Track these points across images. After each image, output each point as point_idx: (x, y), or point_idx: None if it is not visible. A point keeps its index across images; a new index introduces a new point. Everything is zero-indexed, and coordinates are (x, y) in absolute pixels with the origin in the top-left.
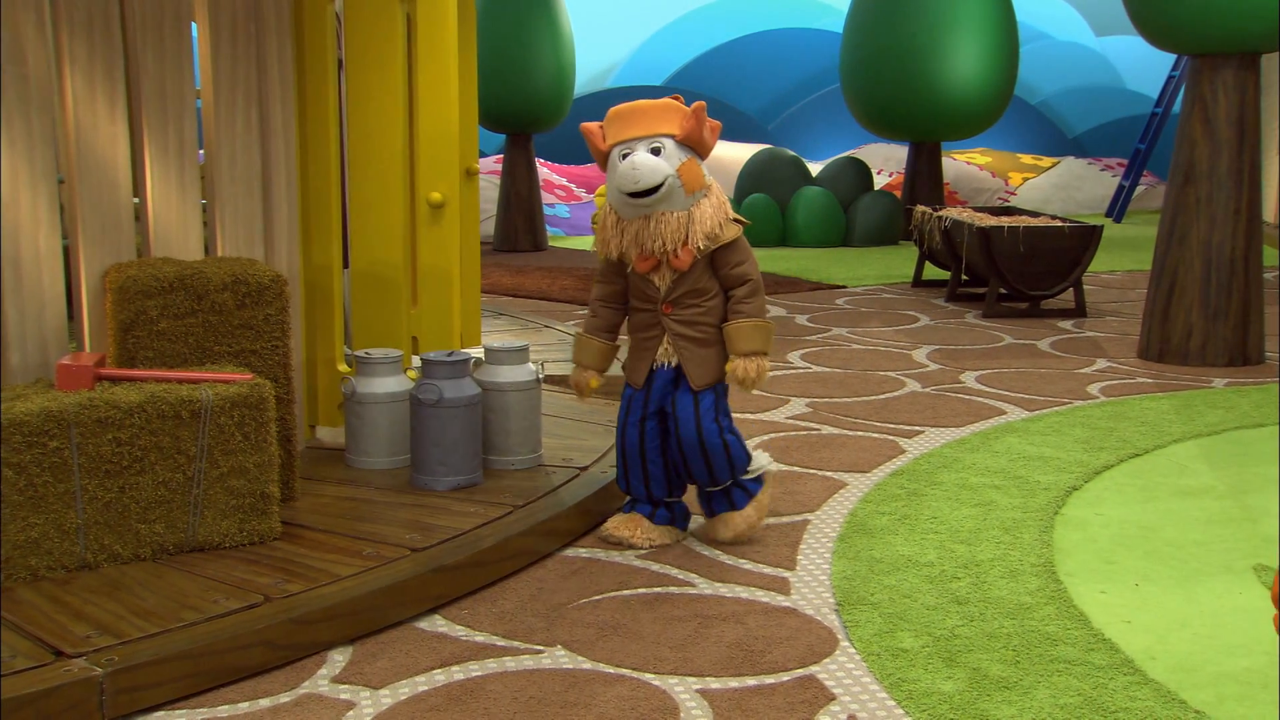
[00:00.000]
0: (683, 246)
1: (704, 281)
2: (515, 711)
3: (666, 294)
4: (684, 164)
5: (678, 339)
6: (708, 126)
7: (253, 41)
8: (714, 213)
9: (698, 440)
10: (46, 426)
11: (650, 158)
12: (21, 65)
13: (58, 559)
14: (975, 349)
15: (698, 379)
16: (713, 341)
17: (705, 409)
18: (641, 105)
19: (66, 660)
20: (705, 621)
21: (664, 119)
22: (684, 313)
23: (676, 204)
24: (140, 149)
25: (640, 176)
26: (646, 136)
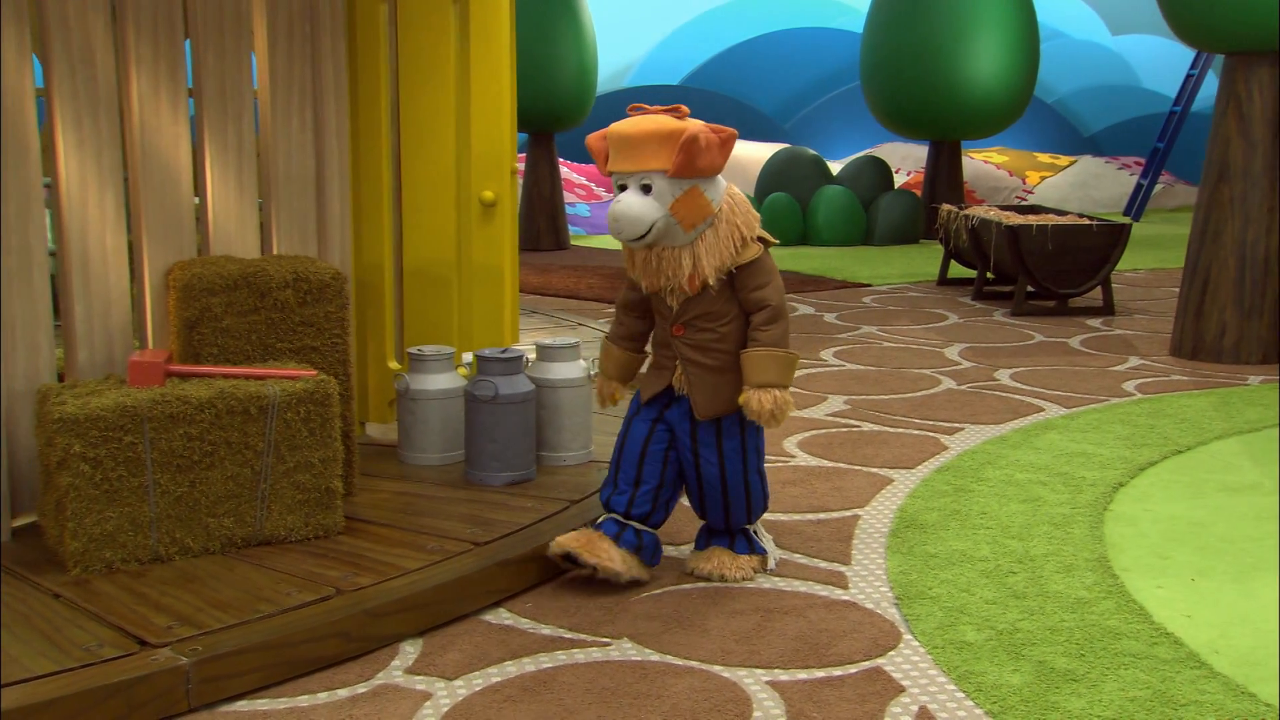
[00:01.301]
0: (688, 281)
1: (720, 304)
2: (589, 702)
3: (677, 315)
4: (679, 200)
5: (688, 364)
6: (706, 155)
7: (308, 41)
8: (724, 242)
9: (719, 479)
10: (121, 421)
11: (635, 201)
12: (91, 67)
13: (131, 552)
14: (1007, 347)
15: (703, 408)
16: (728, 369)
17: (731, 448)
18: (635, 133)
19: (152, 650)
20: (767, 615)
21: (654, 153)
22: (696, 336)
23: (676, 240)
24: (201, 148)
25: (620, 228)
26: (637, 172)
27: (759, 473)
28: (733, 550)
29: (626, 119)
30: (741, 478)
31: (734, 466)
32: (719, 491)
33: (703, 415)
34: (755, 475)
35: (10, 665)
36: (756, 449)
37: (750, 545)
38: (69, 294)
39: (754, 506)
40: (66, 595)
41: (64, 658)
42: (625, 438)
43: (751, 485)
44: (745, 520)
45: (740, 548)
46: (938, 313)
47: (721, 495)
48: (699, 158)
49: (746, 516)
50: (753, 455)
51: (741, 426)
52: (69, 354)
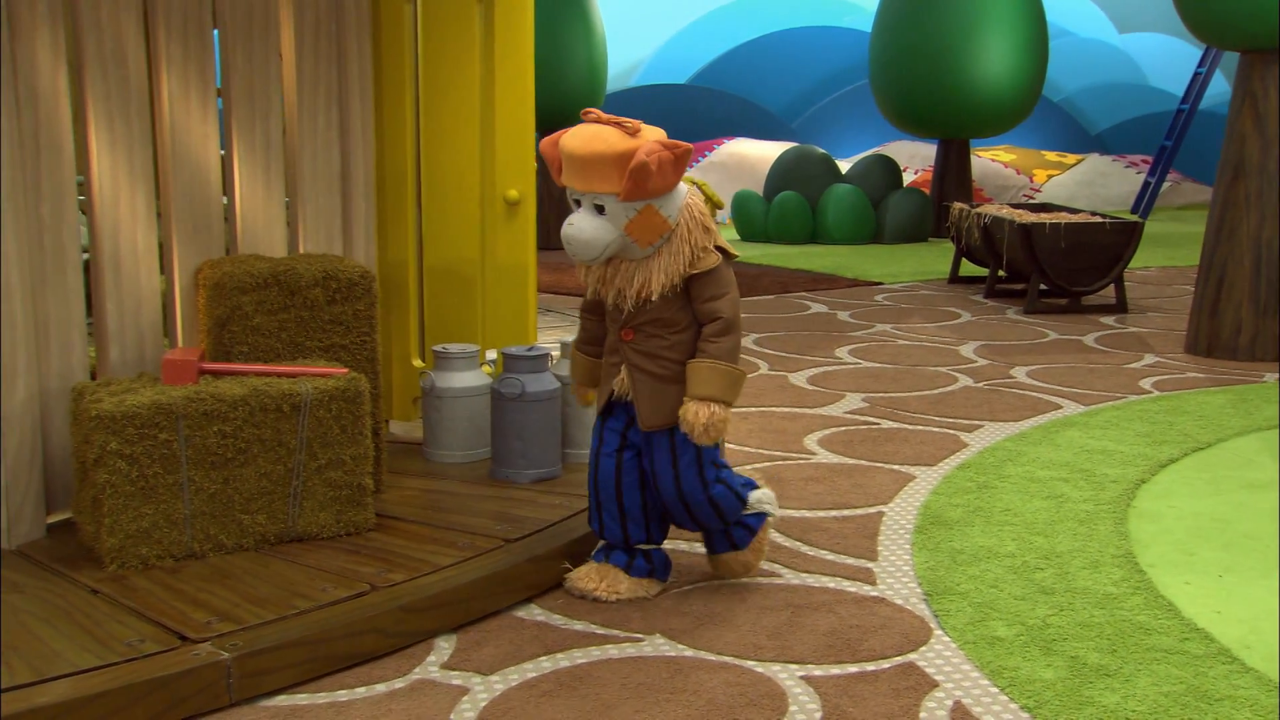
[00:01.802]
0: (635, 294)
1: (672, 312)
2: (625, 697)
3: (628, 319)
4: (634, 221)
5: (634, 370)
6: (658, 177)
7: (333, 41)
8: (676, 257)
9: (677, 498)
10: (157, 419)
11: (588, 225)
12: (123, 67)
13: (166, 548)
14: (1021, 344)
15: (648, 417)
16: (676, 379)
17: (686, 464)
18: (585, 154)
19: (192, 645)
20: (797, 611)
21: (604, 176)
22: (646, 343)
23: (634, 255)
24: (229, 148)
25: (574, 250)
26: (589, 193)
27: (721, 482)
28: (738, 548)
29: (578, 130)
30: (702, 492)
31: (691, 484)
32: (682, 508)
33: (646, 425)
34: (717, 486)
35: (54, 660)
36: (713, 460)
37: (747, 529)
38: (101, 292)
39: (727, 513)
40: (105, 591)
41: (107, 652)
42: (596, 474)
43: (715, 496)
44: (719, 524)
45: (741, 539)
46: (950, 310)
47: (685, 511)
48: (649, 181)
49: (719, 520)
50: (709, 469)
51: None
52: (101, 352)
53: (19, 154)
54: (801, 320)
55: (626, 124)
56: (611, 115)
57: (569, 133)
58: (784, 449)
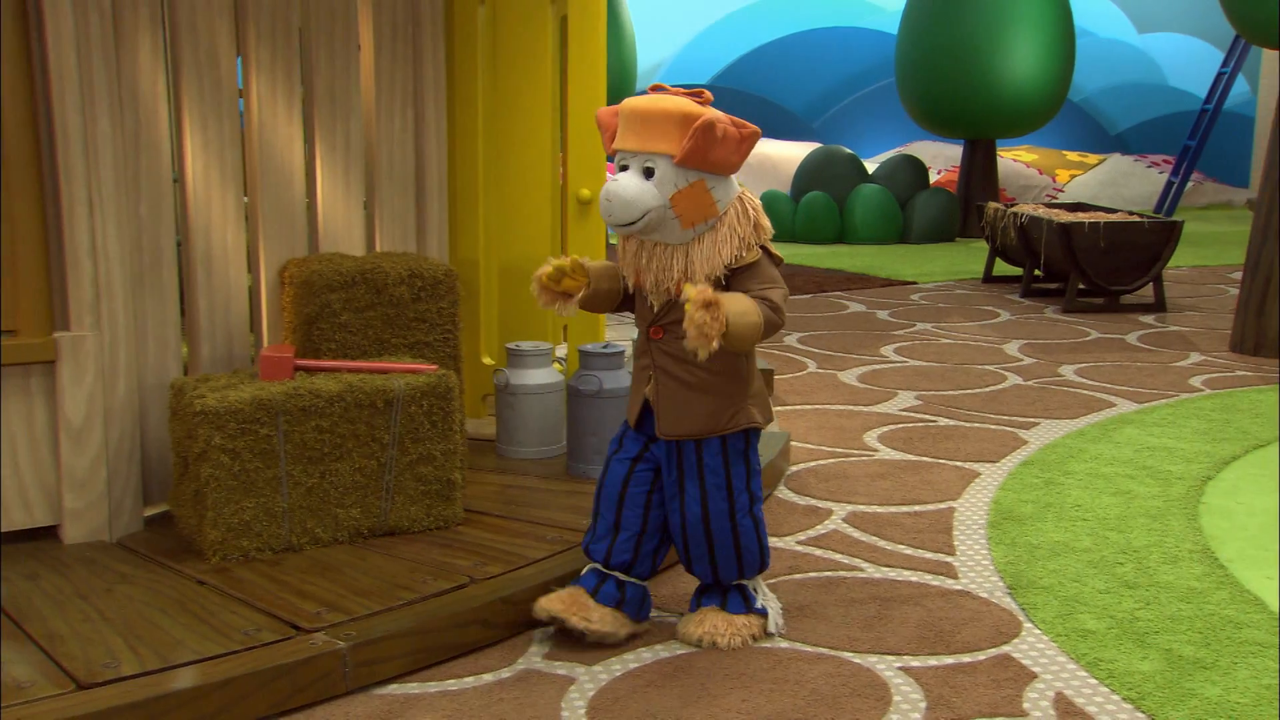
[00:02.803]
0: (675, 285)
1: None
2: (730, 687)
3: (657, 316)
4: (682, 191)
5: (660, 373)
6: (721, 147)
7: (410, 42)
8: (721, 249)
9: (701, 521)
10: (258, 414)
11: (632, 183)
12: (216, 69)
13: (266, 541)
14: (1065, 343)
15: (667, 423)
16: (705, 389)
17: (715, 485)
18: (649, 110)
19: (307, 634)
20: (885, 604)
21: (665, 134)
22: (675, 345)
23: (670, 237)
24: (311, 148)
25: (612, 209)
26: (642, 152)
27: (752, 518)
28: (724, 609)
29: (644, 95)
30: (728, 519)
31: (718, 505)
32: (702, 534)
33: (665, 432)
34: (746, 520)
35: (177, 647)
36: (748, 490)
37: (747, 602)
38: (193, 290)
39: (746, 558)
40: (211, 582)
41: (227, 641)
42: (604, 479)
43: (741, 530)
44: (736, 574)
45: (734, 605)
46: (988, 309)
47: (705, 539)
48: (712, 148)
49: (737, 569)
50: (741, 496)
51: (726, 462)
52: (193, 349)
53: (121, 154)
54: (842, 319)
55: (701, 94)
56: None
57: (634, 97)
58: (845, 445)
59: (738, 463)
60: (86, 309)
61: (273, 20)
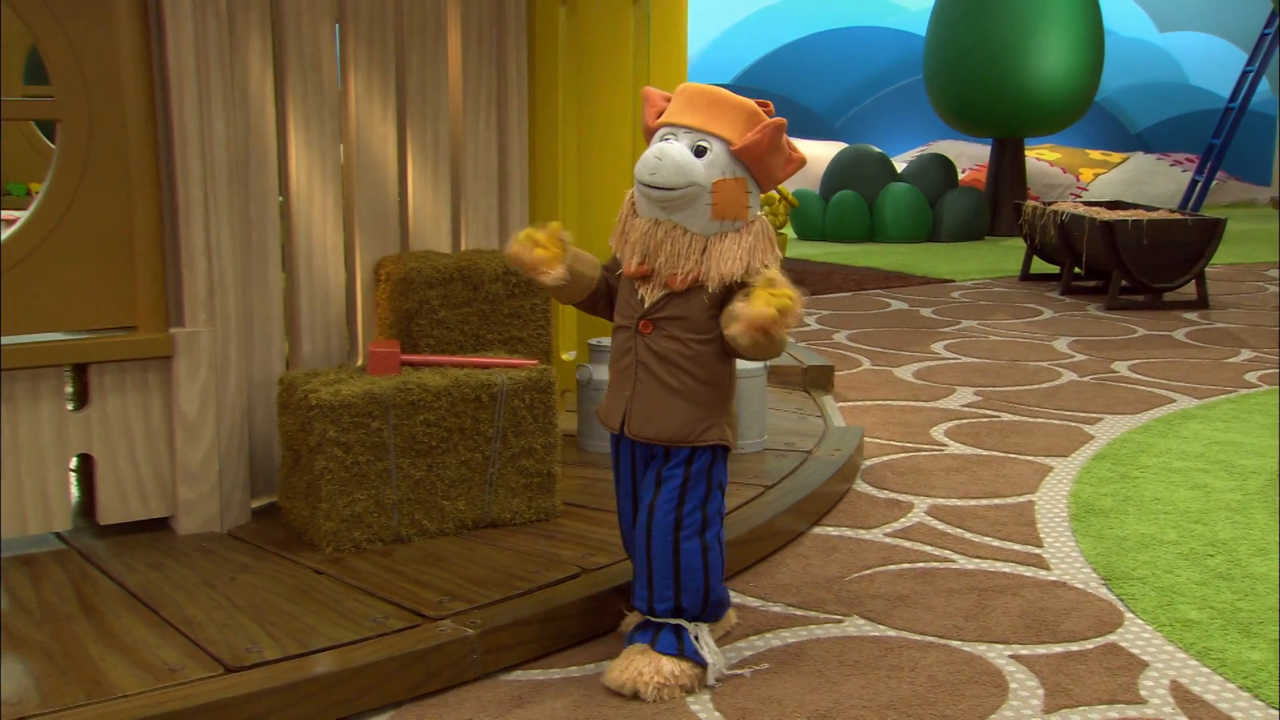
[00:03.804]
0: (683, 278)
1: (702, 315)
2: (847, 674)
3: (650, 309)
4: (725, 181)
5: (642, 370)
6: (779, 152)
7: (494, 44)
8: (743, 254)
9: (646, 525)
10: (369, 408)
11: (684, 152)
12: (318, 71)
13: (376, 532)
14: (1114, 340)
15: (639, 424)
16: (686, 396)
17: (669, 492)
18: (718, 94)
19: (434, 622)
20: (983, 594)
21: (728, 119)
22: (663, 344)
23: (696, 224)
24: (403, 148)
25: (661, 168)
26: (698, 130)
27: (700, 541)
28: (653, 648)
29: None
30: (671, 535)
31: (664, 518)
32: (644, 546)
33: (634, 432)
34: (694, 541)
35: (311, 634)
36: (702, 510)
37: (679, 645)
38: (295, 288)
39: (685, 584)
40: (328, 572)
41: (358, 628)
42: (620, 519)
43: (684, 551)
44: (671, 602)
45: (664, 645)
46: (1030, 307)
47: (645, 551)
48: (771, 152)
49: (673, 595)
50: (693, 514)
51: (686, 475)
52: (293, 345)
53: (233, 155)
54: (886, 317)
55: (767, 105)
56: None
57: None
58: (914, 440)
59: (698, 479)
60: (201, 305)
61: (370, 23)
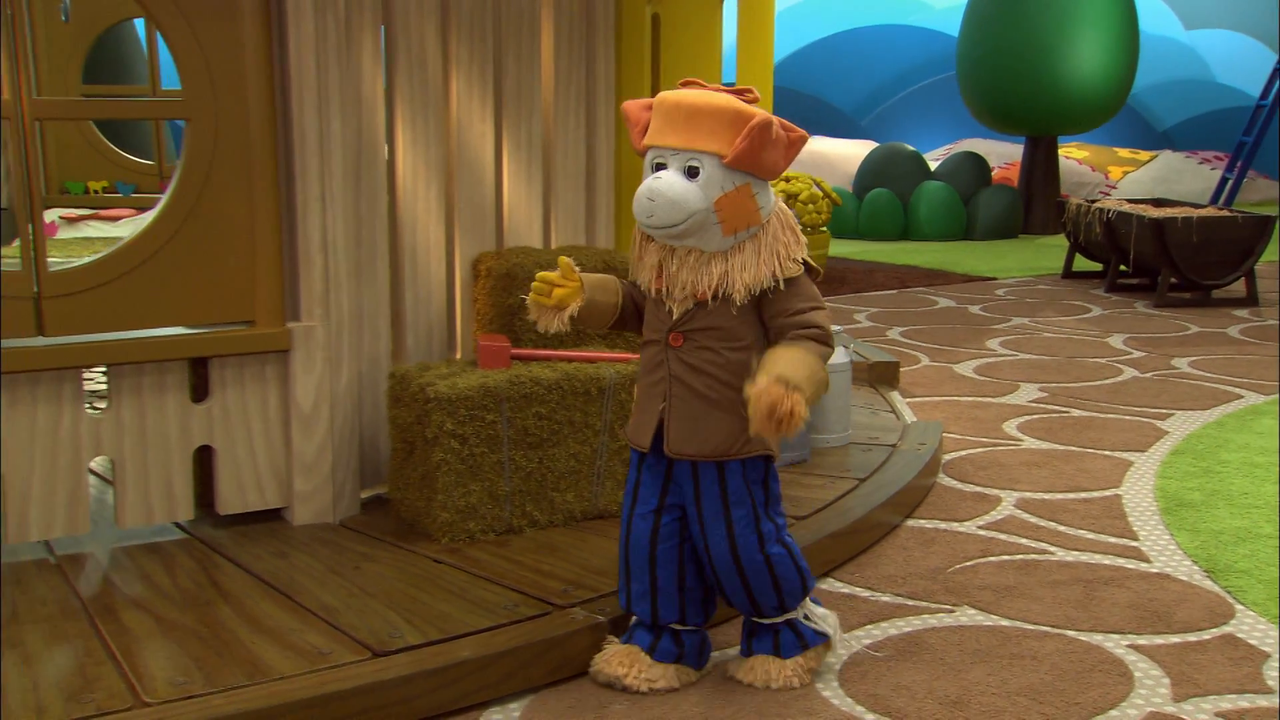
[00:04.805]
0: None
1: (734, 323)
2: (970, 662)
3: (679, 322)
4: (727, 195)
5: (675, 383)
6: (773, 150)
7: (584, 43)
8: (764, 260)
9: (731, 557)
10: (485, 401)
11: (677, 182)
12: (423, 70)
13: (489, 524)
14: (1170, 337)
15: (677, 440)
16: (725, 407)
17: (741, 516)
18: (695, 104)
19: (563, 610)
20: (1089, 585)
21: (713, 132)
22: (696, 354)
23: (709, 244)
24: (499, 145)
25: (655, 209)
26: (685, 150)
27: (782, 545)
28: (778, 654)
29: (683, 89)
30: (759, 552)
31: (746, 539)
32: (734, 570)
33: (675, 450)
34: (777, 548)
35: (448, 621)
36: (770, 518)
37: (801, 638)
38: (400, 282)
39: (785, 588)
40: (448, 561)
41: (492, 616)
42: (628, 538)
43: (775, 561)
44: (776, 604)
45: (788, 647)
46: (1078, 304)
47: (738, 575)
48: (765, 151)
49: (778, 600)
50: (766, 525)
51: (749, 491)
52: (398, 338)
53: (348, 153)
54: (935, 314)
55: (746, 92)
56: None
57: (672, 90)
58: (988, 435)
59: (759, 491)
60: (316, 300)
61: (471, 23)
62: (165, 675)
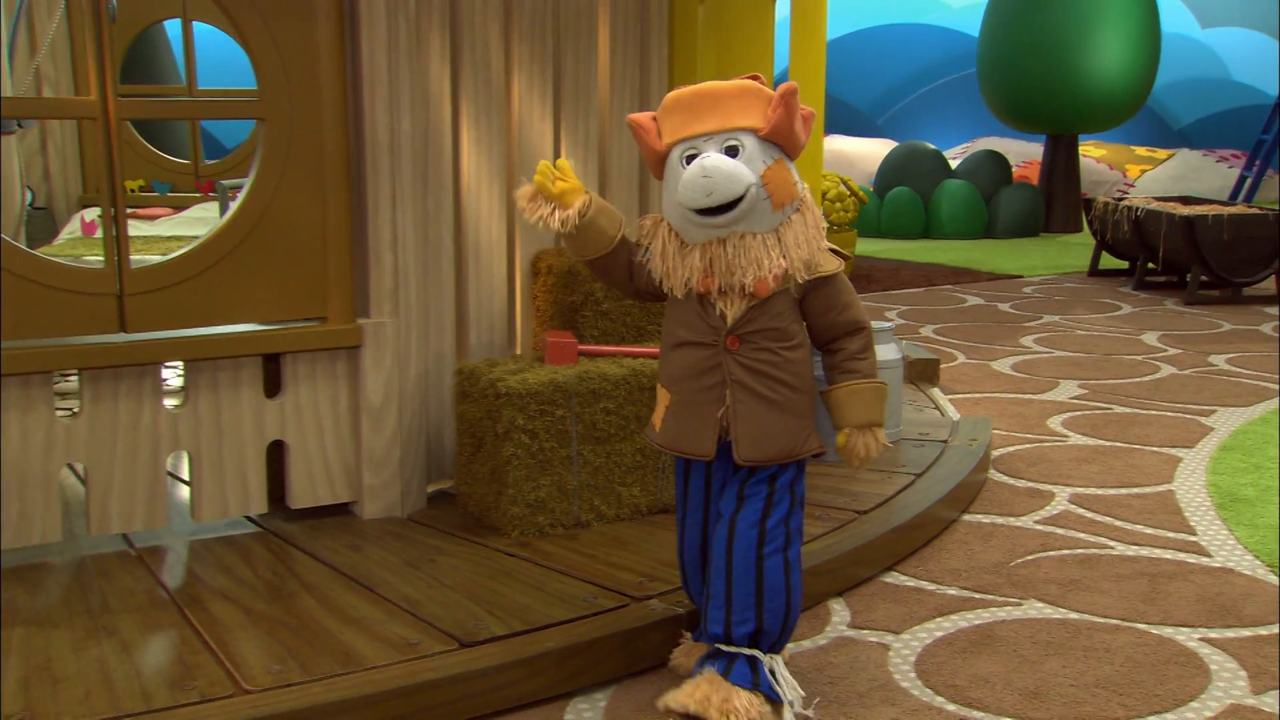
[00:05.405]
0: (773, 278)
1: (787, 322)
2: (1044, 654)
3: (735, 325)
4: (770, 168)
5: (737, 388)
6: (800, 116)
7: (637, 42)
8: (812, 233)
9: (725, 553)
10: (554, 396)
11: (727, 160)
12: (487, 70)
13: (558, 518)
14: (1204, 334)
15: (747, 447)
16: (784, 407)
17: (751, 510)
18: (715, 90)
19: (640, 602)
20: (1154, 579)
21: (743, 108)
22: (755, 355)
23: (760, 223)
24: (558, 143)
25: (714, 186)
26: (720, 132)
27: (783, 559)
28: (725, 678)
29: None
30: (754, 552)
31: (746, 538)
32: (723, 566)
33: (745, 457)
34: (776, 559)
35: (528, 612)
36: (785, 526)
37: (754, 677)
38: (464, 280)
39: (767, 604)
40: (520, 555)
41: (571, 607)
42: (681, 544)
43: (767, 568)
44: (752, 624)
45: (739, 677)
46: (1107, 302)
47: (725, 572)
48: (794, 118)
49: (755, 617)
50: (776, 530)
51: (771, 489)
52: (462, 336)
53: (414, 151)
54: (966, 312)
55: (757, 76)
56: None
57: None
58: (1034, 431)
59: (783, 493)
60: (386, 297)
61: (532, 22)
62: (261, 664)
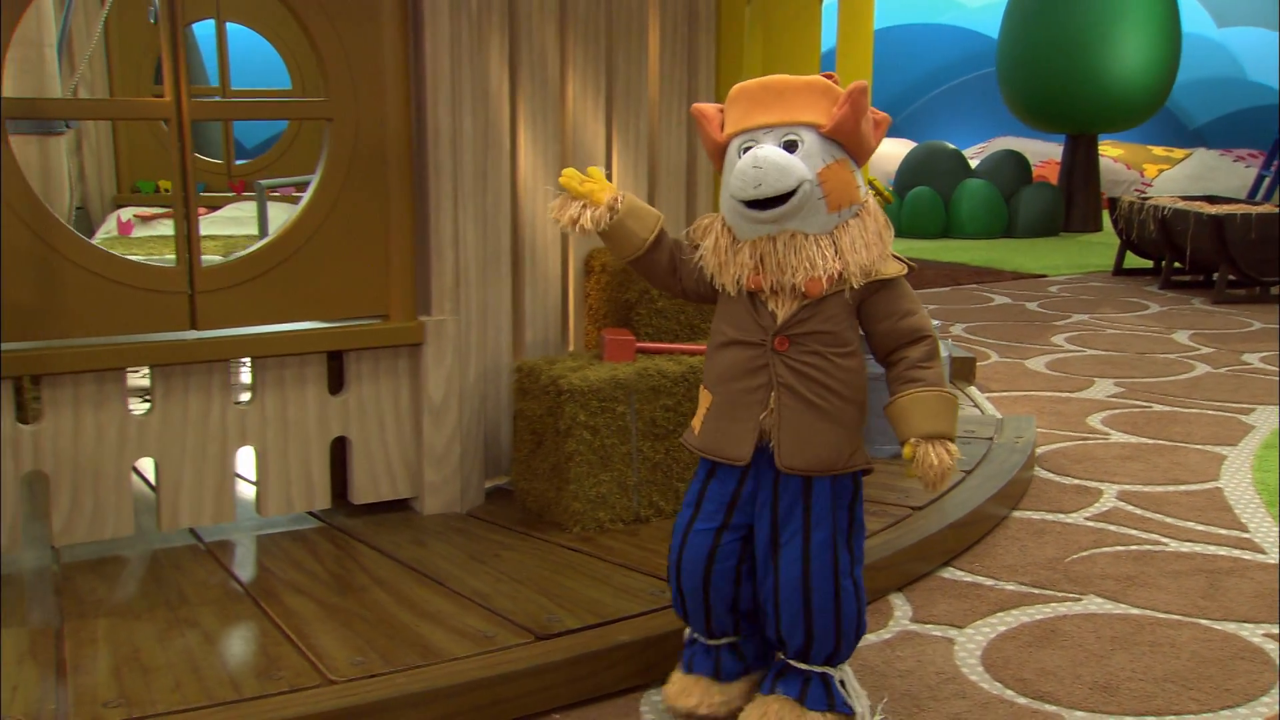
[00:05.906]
0: (826, 278)
1: (842, 326)
2: (1109, 648)
3: (784, 325)
4: (829, 167)
5: (784, 392)
6: (869, 118)
7: (685, 43)
8: (872, 239)
9: (800, 585)
10: (615, 393)
11: (781, 153)
12: (544, 70)
13: (618, 513)
14: (1235, 333)
15: (789, 453)
16: (831, 416)
17: (821, 541)
18: (784, 82)
19: None
20: (1211, 575)
21: (808, 103)
22: (804, 358)
23: (814, 224)
24: (609, 143)
25: (764, 177)
26: (781, 125)
27: (853, 580)
28: (801, 703)
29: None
30: (831, 582)
31: (822, 565)
32: (800, 598)
33: (787, 464)
34: (848, 582)
35: (597, 605)
36: (849, 548)
37: (829, 697)
38: (520, 278)
39: (845, 627)
40: (583, 550)
41: (639, 602)
42: (681, 552)
43: (844, 595)
44: (831, 646)
45: (814, 700)
46: (1135, 301)
47: (803, 603)
48: (862, 119)
49: (834, 642)
50: (844, 554)
51: (834, 515)
52: (518, 334)
53: (475, 150)
54: (994, 311)
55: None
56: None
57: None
58: (1075, 429)
59: (843, 515)
60: (447, 295)
61: (585, 23)
62: (343, 655)
